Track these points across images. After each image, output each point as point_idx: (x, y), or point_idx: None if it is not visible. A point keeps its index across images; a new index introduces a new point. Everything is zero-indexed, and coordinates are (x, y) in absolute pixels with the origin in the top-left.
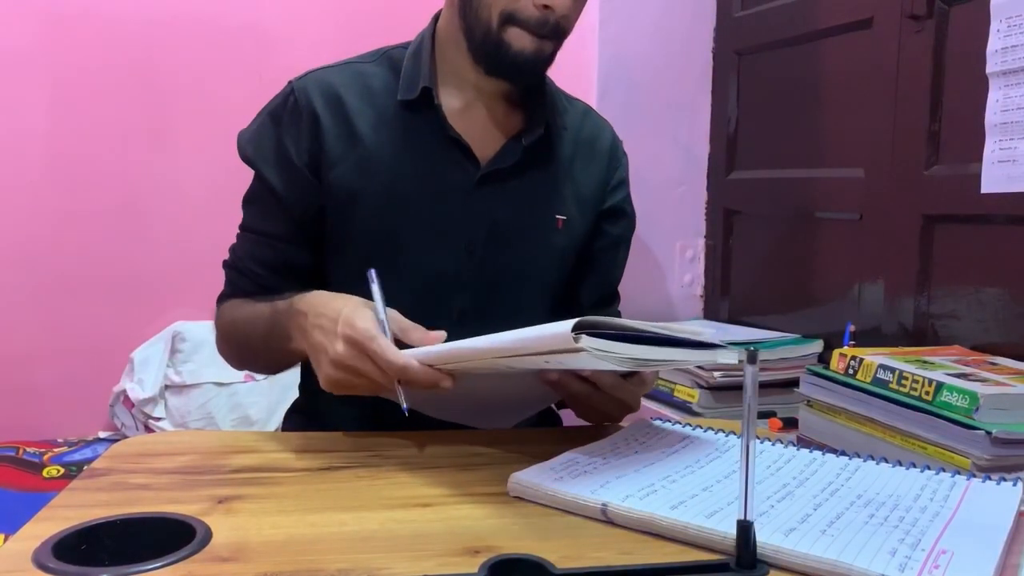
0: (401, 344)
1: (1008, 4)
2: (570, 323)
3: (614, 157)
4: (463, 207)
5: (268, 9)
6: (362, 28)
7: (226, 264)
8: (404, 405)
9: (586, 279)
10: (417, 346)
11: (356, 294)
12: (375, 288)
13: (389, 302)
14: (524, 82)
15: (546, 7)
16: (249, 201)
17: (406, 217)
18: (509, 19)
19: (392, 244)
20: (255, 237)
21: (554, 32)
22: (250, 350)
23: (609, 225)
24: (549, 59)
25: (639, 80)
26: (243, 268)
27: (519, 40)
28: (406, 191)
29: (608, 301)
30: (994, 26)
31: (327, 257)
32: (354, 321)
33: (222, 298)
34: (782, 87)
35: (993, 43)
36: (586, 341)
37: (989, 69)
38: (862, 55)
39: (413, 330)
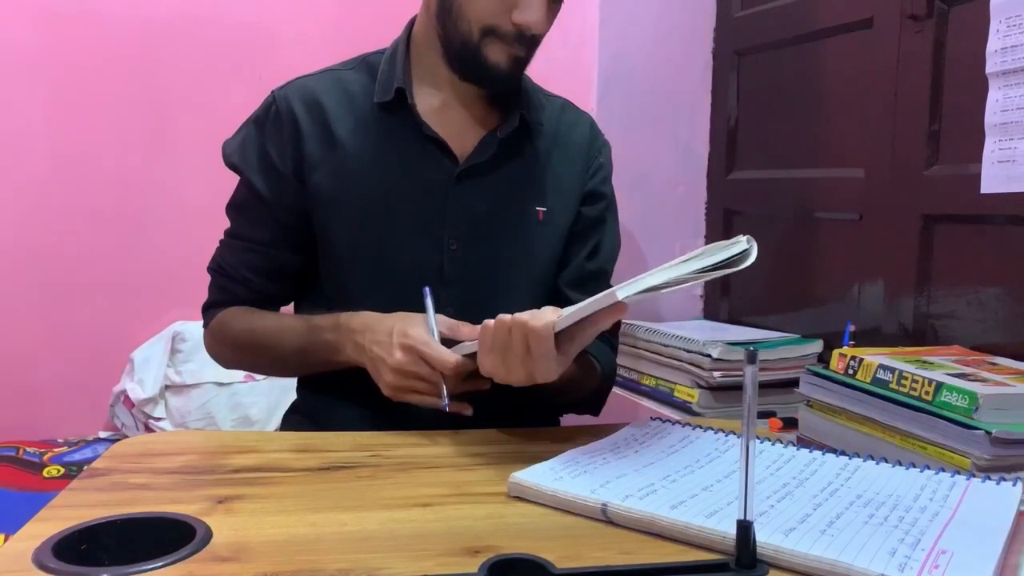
0: (452, 343)
1: (1008, 4)
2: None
3: (593, 146)
4: (443, 203)
5: (268, 9)
6: (362, 28)
7: (214, 270)
8: (445, 402)
9: (566, 265)
10: (467, 339)
11: (343, 291)
12: (428, 303)
13: (374, 299)
14: (499, 89)
15: (521, 24)
16: (236, 208)
17: (387, 216)
18: (488, 33)
19: (374, 243)
20: (245, 244)
21: (530, 43)
22: (274, 359)
23: (586, 208)
24: (524, 67)
25: (639, 80)
26: (236, 276)
27: (496, 54)
28: (386, 191)
29: (587, 282)
30: (994, 26)
31: (319, 261)
32: (407, 330)
33: (215, 304)
34: (782, 87)
35: (993, 43)
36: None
37: (989, 69)
38: (862, 55)
39: (461, 326)
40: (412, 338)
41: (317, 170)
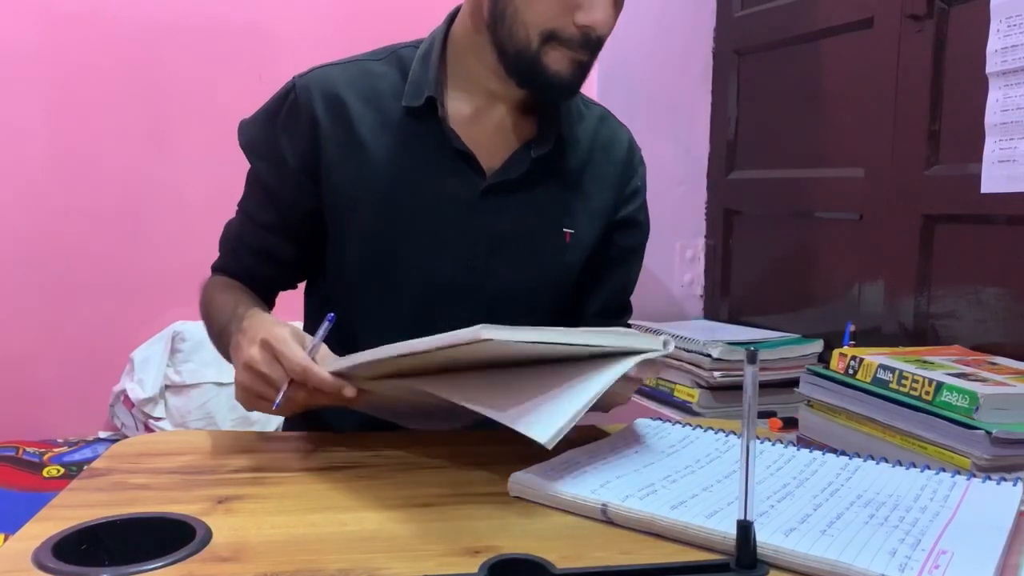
0: None
1: (1008, 4)
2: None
3: (629, 166)
4: (465, 219)
5: (268, 9)
6: (363, 28)
7: (222, 235)
8: (276, 401)
9: (594, 291)
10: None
11: (352, 299)
12: (322, 329)
13: (384, 312)
14: (562, 99)
15: (587, 26)
16: (248, 182)
17: (405, 227)
18: (549, 38)
19: (390, 253)
20: (247, 220)
21: (595, 46)
22: (213, 337)
23: (620, 236)
24: (587, 73)
25: (639, 80)
26: (233, 248)
27: (558, 62)
28: (406, 200)
29: (617, 313)
30: (994, 26)
31: (327, 258)
32: (271, 328)
33: (214, 268)
34: (782, 87)
35: (993, 43)
36: (489, 331)
37: (989, 69)
38: (862, 55)
39: (333, 361)
40: (272, 335)
41: (336, 171)
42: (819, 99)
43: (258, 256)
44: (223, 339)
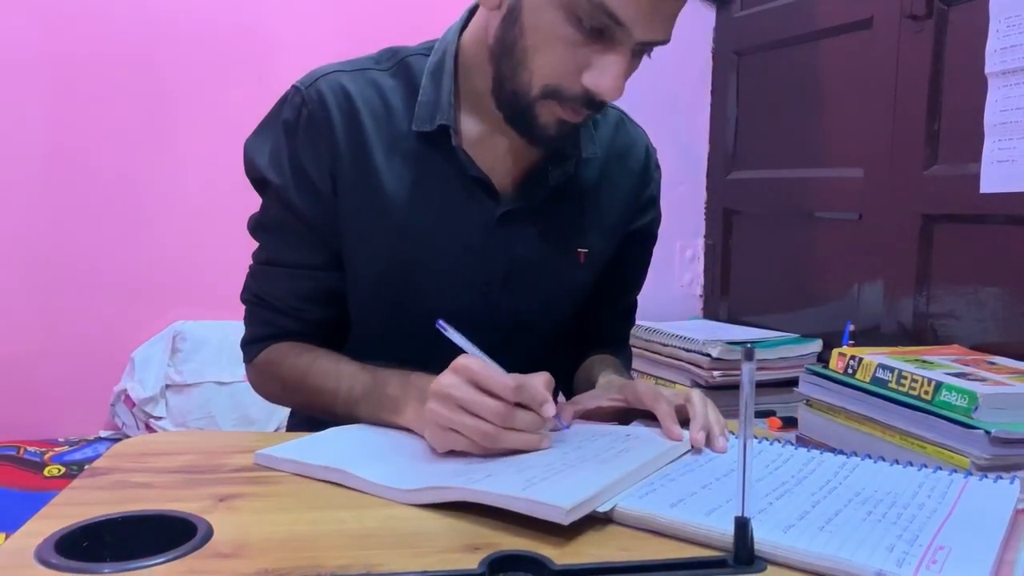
0: None
1: (1008, 4)
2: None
3: (646, 174)
4: (481, 246)
5: (269, 9)
6: (363, 29)
7: (252, 302)
8: (551, 425)
9: (610, 297)
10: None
11: (365, 329)
12: (453, 335)
13: (397, 342)
14: (539, 147)
15: (593, 91)
16: (269, 228)
17: (418, 255)
18: (551, 95)
19: (402, 282)
20: (287, 271)
21: (596, 108)
22: (325, 403)
23: (634, 246)
24: (576, 130)
25: (639, 80)
26: (283, 307)
27: (550, 115)
28: (420, 228)
29: (630, 312)
30: (994, 26)
31: None
32: (462, 358)
33: (260, 339)
34: (782, 87)
35: (993, 43)
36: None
37: (988, 69)
38: (862, 55)
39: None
40: (466, 358)
41: (349, 195)
42: (819, 99)
43: (318, 302)
44: (364, 405)
